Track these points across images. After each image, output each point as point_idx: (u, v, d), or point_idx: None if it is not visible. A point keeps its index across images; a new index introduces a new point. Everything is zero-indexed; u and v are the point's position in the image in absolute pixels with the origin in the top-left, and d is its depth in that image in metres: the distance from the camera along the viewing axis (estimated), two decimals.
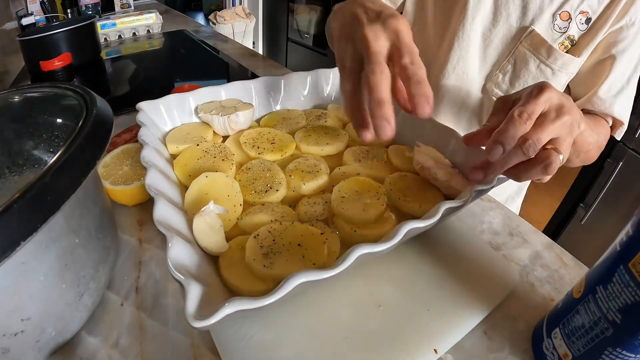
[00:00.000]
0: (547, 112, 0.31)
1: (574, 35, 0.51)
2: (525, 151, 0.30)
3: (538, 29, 0.51)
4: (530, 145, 0.30)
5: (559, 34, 0.51)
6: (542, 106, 0.31)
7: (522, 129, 0.30)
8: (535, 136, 0.30)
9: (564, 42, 0.51)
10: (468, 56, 0.56)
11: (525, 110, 0.30)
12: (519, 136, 0.30)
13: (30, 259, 0.22)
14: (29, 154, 0.34)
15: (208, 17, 2.49)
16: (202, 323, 0.21)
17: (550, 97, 0.31)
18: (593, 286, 0.24)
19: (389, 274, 0.33)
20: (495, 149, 0.30)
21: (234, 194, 0.34)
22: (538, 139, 0.30)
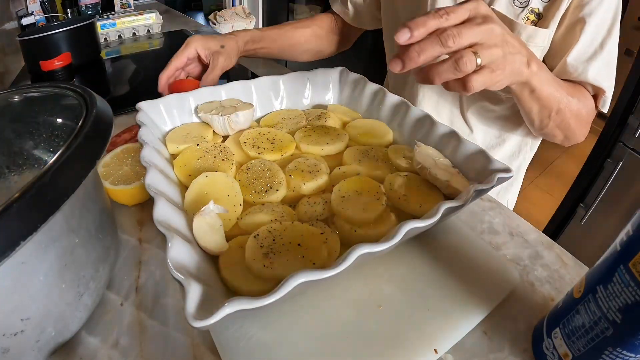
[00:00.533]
0: (472, 17, 0.31)
1: (538, 8, 0.50)
2: (443, 41, 0.29)
3: (498, 7, 0.51)
4: (448, 35, 0.29)
5: (520, 8, 0.50)
6: (466, 10, 0.31)
7: (436, 20, 0.30)
8: (454, 30, 0.30)
9: (529, 17, 0.50)
10: None
11: (443, 8, 0.30)
12: (433, 26, 0.30)
13: (30, 259, 0.22)
14: (29, 153, 0.34)
15: (208, 17, 2.48)
16: (202, 323, 0.21)
17: (477, 6, 0.31)
18: (593, 286, 0.24)
19: (389, 274, 0.33)
20: (403, 31, 0.29)
21: (234, 194, 0.34)
22: (458, 32, 0.30)
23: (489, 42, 0.31)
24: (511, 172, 0.33)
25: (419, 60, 0.30)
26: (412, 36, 0.29)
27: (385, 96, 0.47)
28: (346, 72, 0.53)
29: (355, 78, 0.52)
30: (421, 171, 0.37)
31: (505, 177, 0.32)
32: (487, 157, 0.35)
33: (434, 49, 0.30)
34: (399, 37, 0.29)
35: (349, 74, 0.53)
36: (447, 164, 0.38)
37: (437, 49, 0.30)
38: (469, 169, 0.37)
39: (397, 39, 0.30)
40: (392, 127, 0.46)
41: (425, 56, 0.30)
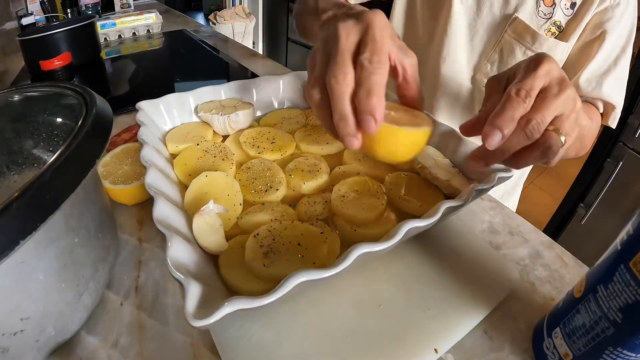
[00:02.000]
0: (548, 86, 0.28)
1: (561, 21, 0.50)
2: (529, 134, 0.27)
3: (522, 16, 0.51)
4: (534, 127, 0.26)
5: (543, 20, 0.50)
6: (542, 80, 0.28)
7: (521, 108, 0.27)
8: (538, 116, 0.26)
9: (551, 29, 0.51)
10: (457, 48, 0.57)
11: (523, 87, 0.27)
12: (519, 117, 0.27)
13: (29, 259, 0.22)
14: (29, 153, 0.34)
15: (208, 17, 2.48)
16: (202, 322, 0.21)
17: (550, 69, 0.28)
18: (594, 285, 0.24)
19: (389, 274, 0.33)
20: (493, 134, 0.26)
21: (233, 193, 0.34)
22: (542, 118, 0.27)
23: (567, 111, 0.28)
24: (511, 171, 0.33)
25: (504, 157, 0.28)
26: (504, 136, 0.26)
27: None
28: None
29: None
30: (421, 171, 0.37)
31: (506, 176, 0.32)
32: None
33: (519, 144, 0.27)
34: (490, 141, 0.26)
35: None
36: (447, 163, 0.38)
37: (522, 143, 0.27)
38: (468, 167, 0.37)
39: (487, 144, 0.27)
40: None
41: (509, 152, 0.28)
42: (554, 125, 0.28)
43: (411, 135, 0.28)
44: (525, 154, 0.28)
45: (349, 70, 0.26)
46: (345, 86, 0.26)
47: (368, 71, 0.25)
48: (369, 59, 0.26)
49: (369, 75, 0.25)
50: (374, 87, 0.25)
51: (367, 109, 0.25)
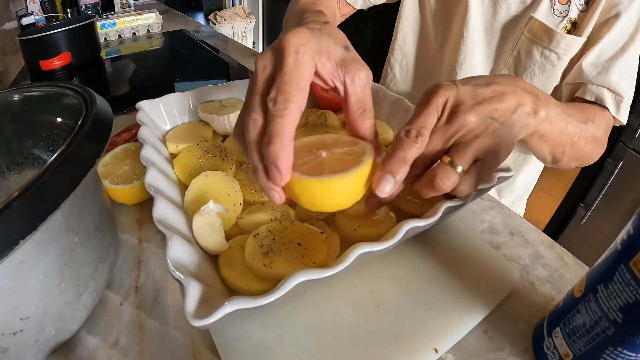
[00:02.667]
0: (439, 119, 0.27)
1: (575, 17, 0.49)
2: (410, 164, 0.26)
3: (538, 16, 0.50)
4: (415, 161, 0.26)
5: (559, 18, 0.50)
6: (434, 116, 0.27)
7: (412, 149, 0.25)
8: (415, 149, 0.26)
9: (566, 26, 0.50)
10: (474, 52, 0.56)
11: (412, 127, 0.26)
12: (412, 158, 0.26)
13: (29, 258, 0.22)
14: (29, 152, 0.34)
15: (208, 17, 2.48)
16: (202, 322, 0.21)
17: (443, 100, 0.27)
18: (594, 285, 0.24)
19: (389, 273, 0.33)
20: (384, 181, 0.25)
21: (233, 193, 0.34)
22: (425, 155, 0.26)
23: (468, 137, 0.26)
24: (511, 171, 0.33)
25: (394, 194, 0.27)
26: (396, 182, 0.25)
27: (384, 95, 0.47)
28: None
29: None
30: None
31: (506, 176, 0.32)
32: None
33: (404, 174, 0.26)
34: (381, 190, 0.25)
35: None
36: None
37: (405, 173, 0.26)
38: None
39: (380, 193, 0.25)
40: (392, 126, 0.46)
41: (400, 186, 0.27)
42: (448, 156, 0.27)
43: (331, 184, 0.24)
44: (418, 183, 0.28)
45: (257, 115, 0.24)
46: (253, 134, 0.24)
47: (271, 115, 0.23)
48: (274, 99, 0.23)
49: (272, 119, 0.23)
50: (275, 134, 0.23)
51: (270, 158, 0.23)
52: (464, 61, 0.57)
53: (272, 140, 0.23)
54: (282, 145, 0.23)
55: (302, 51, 0.25)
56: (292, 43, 0.25)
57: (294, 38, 0.25)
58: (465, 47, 0.56)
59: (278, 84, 0.24)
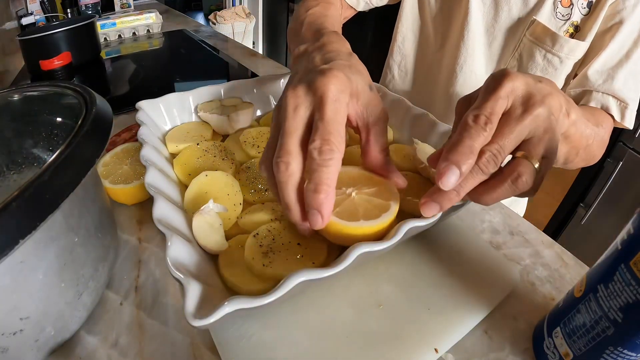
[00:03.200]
0: (511, 108, 0.25)
1: (577, 21, 0.49)
2: (483, 168, 0.24)
3: (540, 19, 0.50)
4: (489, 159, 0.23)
5: (562, 21, 0.49)
6: (503, 102, 0.24)
7: (481, 138, 0.23)
8: (494, 146, 0.24)
9: (569, 30, 0.49)
10: (474, 55, 0.55)
11: (481, 112, 0.24)
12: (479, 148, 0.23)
13: (29, 258, 0.22)
14: (29, 152, 0.34)
15: (208, 17, 2.48)
16: (202, 322, 0.21)
17: (513, 87, 0.25)
18: (594, 285, 0.24)
19: (389, 273, 0.33)
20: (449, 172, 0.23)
21: (233, 193, 0.34)
22: (500, 148, 0.24)
23: (539, 133, 0.24)
24: None
25: (459, 198, 0.25)
26: (462, 174, 0.23)
27: (384, 95, 0.47)
28: None
29: None
30: (423, 170, 0.37)
31: None
32: None
33: (474, 179, 0.24)
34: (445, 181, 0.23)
35: None
36: None
37: (478, 179, 0.24)
38: None
39: (442, 184, 0.23)
40: (392, 126, 0.46)
41: (465, 192, 0.25)
42: (523, 151, 0.25)
43: (366, 230, 0.27)
44: (491, 187, 0.25)
45: (293, 157, 0.25)
46: (288, 176, 0.25)
47: (317, 163, 0.24)
48: (319, 148, 0.24)
49: (317, 168, 0.24)
50: (321, 183, 0.24)
51: (314, 205, 0.24)
52: (464, 63, 0.56)
53: (318, 189, 0.24)
54: (328, 195, 0.24)
55: (341, 99, 0.26)
56: (331, 90, 0.25)
57: (333, 84, 0.26)
58: (466, 49, 0.55)
59: (322, 133, 0.24)
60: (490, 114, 0.24)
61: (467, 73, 0.57)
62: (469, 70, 0.57)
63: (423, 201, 0.26)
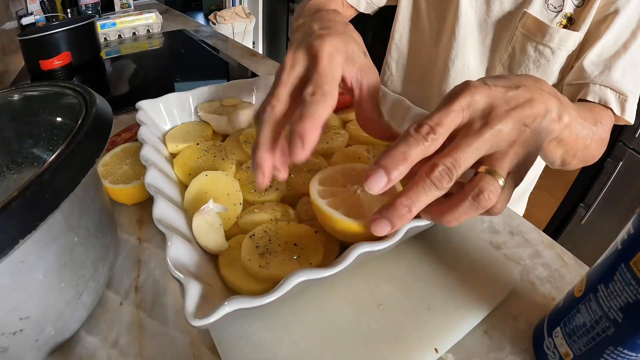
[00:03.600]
0: (468, 122, 0.23)
1: (571, 12, 0.49)
2: (436, 182, 0.22)
3: (532, 11, 0.50)
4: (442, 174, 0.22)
5: (554, 13, 0.49)
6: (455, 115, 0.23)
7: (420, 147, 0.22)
8: (448, 159, 0.22)
9: (562, 21, 0.49)
10: (467, 49, 0.56)
11: (426, 122, 0.23)
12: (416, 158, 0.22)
13: (29, 258, 0.22)
14: (28, 152, 0.34)
15: (208, 17, 2.49)
16: (202, 322, 0.21)
17: (470, 101, 0.23)
18: (594, 285, 0.24)
19: (389, 273, 0.33)
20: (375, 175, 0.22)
21: (233, 193, 0.34)
22: (454, 161, 0.22)
23: (502, 147, 0.23)
24: None
25: (412, 215, 0.23)
26: (390, 180, 0.22)
27: (385, 94, 0.47)
28: None
29: None
30: None
31: None
32: None
33: (427, 196, 0.23)
34: (371, 186, 0.22)
35: None
36: None
37: (432, 195, 0.23)
38: None
39: (369, 189, 0.22)
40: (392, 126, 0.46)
41: (418, 208, 0.23)
42: (485, 166, 0.23)
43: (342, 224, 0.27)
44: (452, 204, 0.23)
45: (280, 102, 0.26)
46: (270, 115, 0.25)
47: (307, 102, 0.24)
48: (311, 92, 0.25)
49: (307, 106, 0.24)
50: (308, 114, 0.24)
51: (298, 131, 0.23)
52: (455, 58, 0.57)
53: (304, 118, 0.24)
54: (313, 125, 0.24)
55: (336, 59, 0.27)
56: (326, 49, 0.27)
57: (327, 44, 0.27)
58: (457, 44, 0.56)
59: (315, 81, 0.25)
60: (435, 124, 0.23)
61: (459, 68, 0.57)
62: (460, 65, 0.57)
63: (374, 218, 0.24)
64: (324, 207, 0.28)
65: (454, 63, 0.57)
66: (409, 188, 0.23)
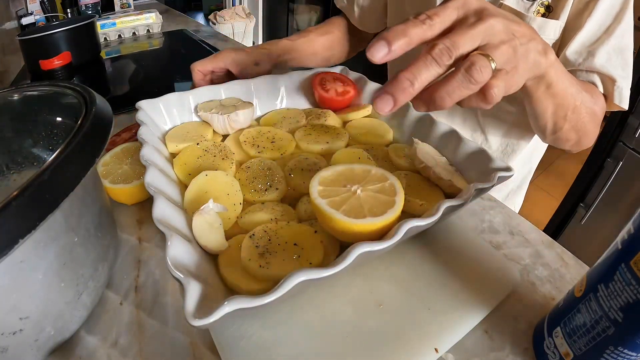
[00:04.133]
0: (462, 18, 0.26)
1: (548, 1, 0.48)
2: (437, 58, 0.24)
3: (507, 2, 0.49)
4: (442, 51, 0.24)
5: (529, 2, 0.49)
6: (451, 11, 0.25)
7: (417, 28, 0.24)
8: (447, 40, 0.24)
9: (539, 10, 0.48)
10: None
11: (423, 12, 0.25)
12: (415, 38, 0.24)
13: (29, 257, 0.22)
14: (28, 152, 0.34)
15: (208, 17, 2.49)
16: (201, 322, 0.21)
17: (464, 1, 0.26)
18: (594, 285, 0.24)
19: (389, 273, 0.33)
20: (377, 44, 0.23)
21: (233, 193, 0.34)
22: (452, 43, 0.24)
23: (494, 41, 0.25)
24: (512, 170, 0.33)
25: (414, 90, 0.24)
26: (391, 50, 0.24)
27: None
28: (346, 71, 0.53)
29: (356, 77, 0.52)
30: (424, 170, 0.37)
31: (506, 175, 0.32)
32: (487, 156, 0.35)
33: (429, 70, 0.24)
34: (373, 52, 0.23)
35: (349, 72, 0.53)
36: (445, 161, 0.38)
37: (433, 71, 0.24)
38: (469, 167, 0.37)
39: (370, 56, 0.24)
40: (392, 126, 0.46)
41: (420, 83, 0.24)
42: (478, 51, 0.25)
43: (372, 227, 0.27)
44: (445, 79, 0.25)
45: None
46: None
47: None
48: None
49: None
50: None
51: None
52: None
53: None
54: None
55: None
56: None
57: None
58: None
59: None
60: (432, 14, 0.25)
61: None
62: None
63: (376, 96, 0.25)
64: (324, 207, 0.28)
65: None
66: (411, 64, 0.24)
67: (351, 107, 0.50)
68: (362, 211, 0.28)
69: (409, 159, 0.40)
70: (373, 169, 0.32)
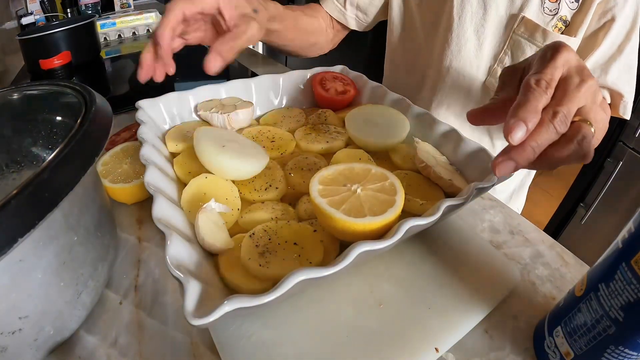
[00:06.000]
0: (567, 76, 0.27)
1: (566, 16, 0.50)
2: (558, 127, 0.25)
3: (529, 15, 0.50)
4: (561, 119, 0.25)
5: (550, 16, 0.50)
6: (560, 70, 0.26)
7: (543, 99, 0.25)
8: (564, 108, 0.25)
9: (557, 24, 0.50)
10: (461, 56, 0.56)
11: (542, 77, 0.26)
12: (541, 109, 0.25)
13: (28, 257, 0.22)
14: (28, 151, 0.34)
15: None
16: (201, 321, 0.21)
17: (568, 58, 0.27)
18: (595, 284, 0.23)
19: (390, 273, 0.33)
20: (517, 127, 0.24)
21: (232, 198, 0.34)
22: (568, 110, 0.25)
23: (589, 104, 0.27)
24: None
25: (534, 157, 0.25)
26: (528, 130, 0.24)
27: (385, 94, 0.47)
28: (346, 70, 0.53)
29: (355, 76, 0.52)
30: (424, 170, 0.37)
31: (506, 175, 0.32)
32: (487, 155, 0.35)
33: (550, 139, 0.25)
34: (513, 136, 0.24)
35: (349, 72, 0.53)
36: (445, 161, 0.38)
37: (552, 138, 0.25)
38: (469, 167, 0.37)
39: (511, 138, 0.24)
40: None
41: (540, 150, 0.25)
42: (580, 117, 0.27)
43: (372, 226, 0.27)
44: (560, 145, 0.26)
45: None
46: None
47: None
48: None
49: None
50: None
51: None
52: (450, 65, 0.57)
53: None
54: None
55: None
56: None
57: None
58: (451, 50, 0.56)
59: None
60: (550, 79, 0.26)
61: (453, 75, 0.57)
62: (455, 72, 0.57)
63: (500, 160, 0.26)
64: (324, 207, 0.28)
65: (448, 70, 0.57)
66: (534, 132, 0.25)
67: (351, 106, 0.50)
68: (362, 210, 0.28)
69: (409, 158, 0.40)
70: (373, 168, 0.32)
